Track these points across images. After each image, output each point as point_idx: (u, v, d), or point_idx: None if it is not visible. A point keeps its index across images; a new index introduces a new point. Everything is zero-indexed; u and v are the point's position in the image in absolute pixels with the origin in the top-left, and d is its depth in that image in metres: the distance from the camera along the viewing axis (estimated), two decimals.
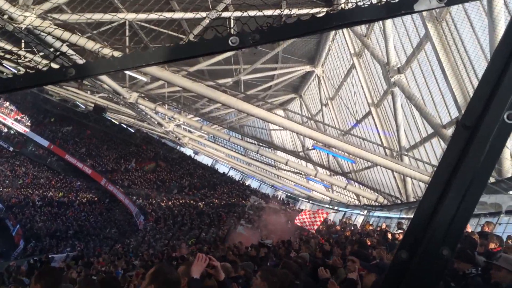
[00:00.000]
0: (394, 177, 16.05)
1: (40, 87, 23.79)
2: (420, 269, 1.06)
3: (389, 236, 12.81)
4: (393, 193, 16.71)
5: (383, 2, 1.24)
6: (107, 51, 11.32)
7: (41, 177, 43.23)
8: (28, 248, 32.13)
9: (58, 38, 11.04)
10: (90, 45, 10.67)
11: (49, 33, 10.59)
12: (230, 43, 1.32)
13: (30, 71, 1.44)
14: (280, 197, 36.99)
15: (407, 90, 12.23)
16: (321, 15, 1.26)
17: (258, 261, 9.08)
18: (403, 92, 12.43)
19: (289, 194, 35.79)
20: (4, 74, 24.40)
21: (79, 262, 18.74)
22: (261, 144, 22.91)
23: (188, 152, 43.46)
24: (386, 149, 14.94)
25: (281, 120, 12.81)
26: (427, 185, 1.14)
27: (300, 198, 34.17)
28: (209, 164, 44.35)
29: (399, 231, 13.91)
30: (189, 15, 12.46)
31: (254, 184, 40.80)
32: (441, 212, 1.08)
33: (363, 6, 1.21)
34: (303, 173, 23.15)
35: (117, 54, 11.03)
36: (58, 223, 35.84)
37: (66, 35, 10.84)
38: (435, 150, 13.07)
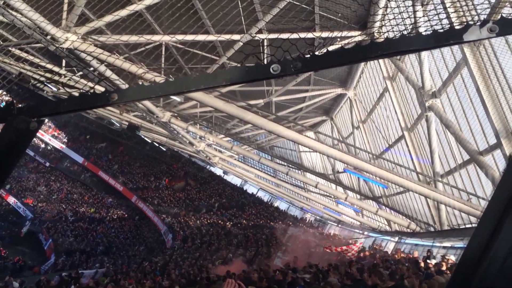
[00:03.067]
0: (428, 204, 15.58)
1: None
2: None
3: (421, 264, 12.40)
4: (426, 220, 16.22)
5: (430, 32, 1.21)
6: (140, 71, 11.63)
7: (75, 193, 44.34)
8: (58, 262, 32.74)
9: (96, 58, 11.44)
10: (127, 66, 10.97)
11: (89, 54, 10.97)
12: (271, 70, 1.31)
13: (75, 95, 1.47)
14: (309, 220, 36.52)
15: (442, 115, 11.95)
16: (365, 43, 1.24)
17: (285, 286, 8.93)
18: (438, 117, 12.15)
19: (318, 217, 35.29)
20: (45, 92, 25.44)
21: (108, 279, 18.92)
22: (291, 165, 22.80)
23: (218, 171, 43.69)
24: (419, 175, 14.57)
25: (312, 142, 12.72)
26: (478, 220, 1.08)
27: (329, 222, 33.62)
28: (238, 185, 44.37)
29: (433, 260, 13.46)
30: (223, 37, 12.68)
31: (282, 206, 40.46)
32: (494, 249, 1.01)
33: (411, 35, 1.18)
34: (333, 196, 22.83)
35: (154, 77, 11.33)
36: (89, 239, 36.48)
37: (104, 56, 11.24)
38: (471, 177, 12.65)
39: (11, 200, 41.06)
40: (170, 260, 26.75)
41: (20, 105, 1.52)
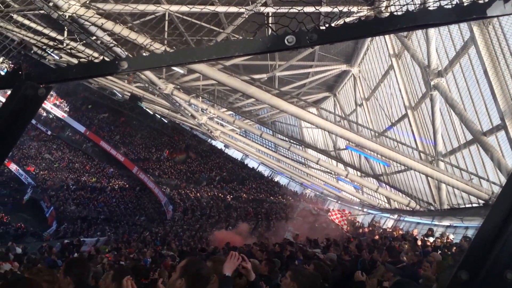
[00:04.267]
0: (428, 183, 15.64)
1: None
2: None
3: (419, 242, 12.55)
4: (426, 198, 16.31)
5: (452, 5, 1.16)
6: (147, 41, 11.48)
7: (76, 162, 44.57)
8: (60, 230, 33.20)
9: (100, 27, 11.27)
10: (132, 36, 10.81)
11: (93, 23, 10.80)
12: (286, 42, 1.27)
13: (84, 62, 1.44)
14: (309, 195, 36.77)
15: (447, 94, 11.86)
16: (385, 16, 1.20)
17: (284, 258, 9.04)
18: (443, 96, 12.06)
19: (318, 193, 35.52)
20: (47, 60, 25.22)
21: (109, 247, 19.21)
22: (292, 141, 22.78)
23: (219, 145, 43.71)
24: (421, 154, 14.57)
25: (314, 118, 12.65)
26: (493, 203, 1.06)
27: (329, 198, 33.86)
28: (239, 159, 44.47)
29: (430, 238, 13.60)
30: (222, 8, 12.33)
31: (283, 181, 40.67)
32: (508, 233, 1.00)
33: (431, 8, 1.14)
34: (333, 172, 22.91)
35: (158, 48, 11.17)
36: (90, 208, 36.86)
37: (108, 24, 11.06)
38: (474, 157, 12.65)
39: (13, 167, 41.31)
40: (170, 230, 27.10)
41: (27, 71, 1.49)
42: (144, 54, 1.36)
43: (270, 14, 12.37)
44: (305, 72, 19.73)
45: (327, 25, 1.25)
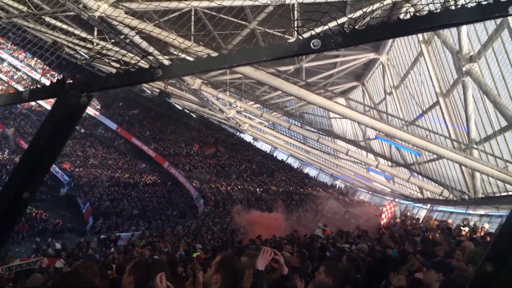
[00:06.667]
0: (462, 171, 15.29)
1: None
2: (507, 285, 1.03)
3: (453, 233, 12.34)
4: (460, 187, 15.97)
5: (474, 4, 1.19)
6: (171, 39, 11.67)
7: (109, 159, 45.72)
8: (96, 225, 34.22)
9: (128, 26, 11.53)
10: (158, 32, 10.99)
11: (121, 22, 11.06)
12: (312, 45, 1.32)
13: (121, 71, 1.53)
14: (339, 186, 36.57)
15: (480, 80, 11.54)
16: (407, 17, 1.23)
17: (316, 250, 9.08)
18: (476, 82, 11.74)
19: (348, 184, 35.29)
20: (78, 60, 25.93)
21: (144, 242, 19.69)
22: (321, 132, 22.67)
23: (247, 138, 43.92)
24: (454, 142, 14.25)
25: (342, 109, 12.57)
26: None
27: (359, 189, 33.58)
28: (268, 151, 44.58)
29: (466, 228, 13.36)
30: (248, 2, 12.32)
31: (312, 173, 40.56)
32: None
33: (453, 8, 1.16)
34: (363, 163, 22.69)
35: (187, 42, 11.30)
36: (124, 203, 37.80)
37: (136, 23, 11.30)
38: (509, 143, 12.30)
39: None
40: (202, 224, 27.51)
41: (71, 81, 1.61)
42: (177, 62, 1.43)
43: (296, 8, 12.29)
44: (332, 62, 19.55)
45: (351, 27, 1.30)
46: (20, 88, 50.09)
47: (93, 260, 13.52)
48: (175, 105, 41.80)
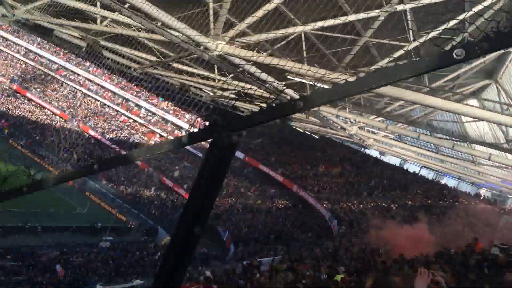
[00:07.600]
0: None
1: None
2: None
3: None
4: None
5: None
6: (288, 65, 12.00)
7: (241, 187, 47.96)
8: (237, 251, 35.80)
9: (243, 59, 12.21)
10: (275, 61, 11.39)
11: (237, 56, 11.77)
12: (455, 55, 1.28)
13: (265, 108, 1.66)
14: (484, 195, 33.14)
15: None
16: None
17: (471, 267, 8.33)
18: None
19: (495, 192, 31.79)
20: (204, 98, 28.03)
21: (285, 266, 19.93)
22: (454, 139, 21.00)
23: (373, 153, 42.55)
24: None
25: (476, 111, 11.59)
26: None
27: (510, 196, 30.00)
28: (397, 164, 42.55)
29: None
30: (353, 17, 12.10)
31: (450, 183, 37.51)
32: None
33: None
34: (510, 167, 20.33)
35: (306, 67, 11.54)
36: (260, 229, 39.03)
37: (249, 53, 11.92)
38: None
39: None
40: (340, 245, 27.05)
41: (220, 123, 1.78)
42: (316, 91, 1.49)
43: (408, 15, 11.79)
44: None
45: (495, 30, 1.23)
46: (157, 130, 56.15)
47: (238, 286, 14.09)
48: (296, 128, 42.48)
